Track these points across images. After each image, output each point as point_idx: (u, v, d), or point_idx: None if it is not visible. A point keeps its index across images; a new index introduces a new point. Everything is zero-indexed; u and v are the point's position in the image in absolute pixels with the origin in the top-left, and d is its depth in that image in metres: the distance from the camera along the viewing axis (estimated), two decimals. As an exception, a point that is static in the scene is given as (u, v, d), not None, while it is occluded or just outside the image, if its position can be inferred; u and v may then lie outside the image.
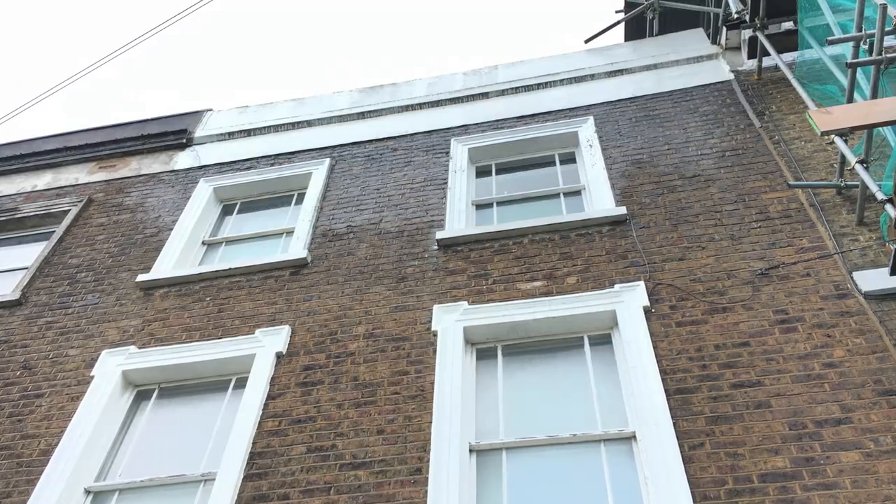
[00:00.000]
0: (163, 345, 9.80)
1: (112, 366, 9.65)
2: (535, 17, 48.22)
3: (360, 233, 10.77)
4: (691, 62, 12.65)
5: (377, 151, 12.57)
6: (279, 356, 9.16)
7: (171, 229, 11.90)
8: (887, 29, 8.46)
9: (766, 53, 11.57)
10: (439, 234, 10.16)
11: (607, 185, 10.41)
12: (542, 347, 8.75)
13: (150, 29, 14.35)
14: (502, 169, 11.97)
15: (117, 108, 50.55)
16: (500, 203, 11.23)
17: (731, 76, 11.99)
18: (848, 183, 9.12)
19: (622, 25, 15.43)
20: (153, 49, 49.51)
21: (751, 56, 12.05)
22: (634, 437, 7.36)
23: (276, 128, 13.91)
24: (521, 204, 11.13)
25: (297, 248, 10.76)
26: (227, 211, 12.73)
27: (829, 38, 9.02)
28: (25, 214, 13.25)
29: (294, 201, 12.36)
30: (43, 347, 10.27)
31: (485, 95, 13.29)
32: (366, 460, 7.70)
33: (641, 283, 8.74)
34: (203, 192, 12.66)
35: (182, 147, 14.13)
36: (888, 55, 8.44)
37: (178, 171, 13.54)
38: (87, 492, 8.52)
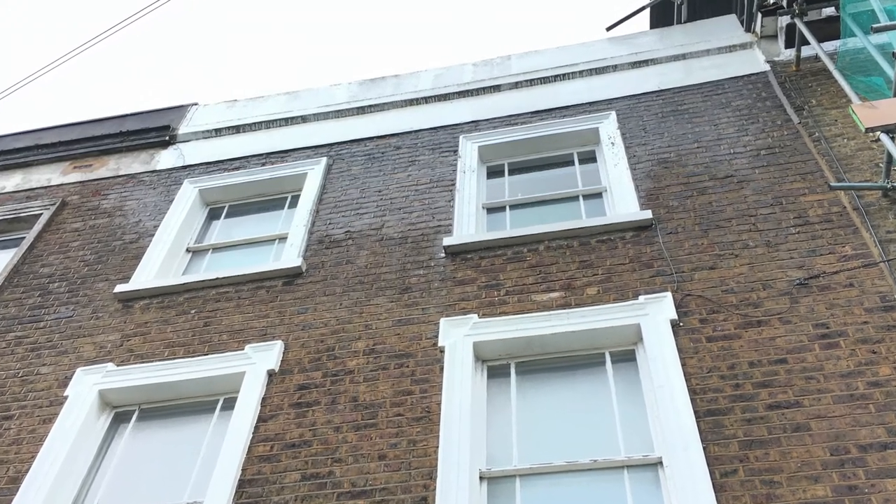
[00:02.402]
0: (143, 362, 9.84)
1: (88, 385, 9.68)
2: (551, 3, 48.27)
3: (360, 239, 10.81)
4: (723, 52, 12.67)
5: (378, 150, 12.60)
6: (271, 374, 9.19)
7: (153, 235, 11.94)
8: (938, 15, 8.47)
9: (806, 42, 11.57)
10: (447, 241, 10.20)
11: (631, 186, 10.44)
12: (559, 365, 8.78)
13: (129, 16, 14.40)
14: (516, 169, 12.01)
15: (94, 103, 50.66)
16: (513, 206, 11.26)
17: (767, 67, 12.01)
18: (895, 184, 9.13)
19: (647, 11, 15.45)
20: (132, 38, 49.61)
21: (788, 45, 12.07)
22: (661, 463, 7.38)
23: (268, 124, 13.96)
24: (537, 207, 11.16)
25: (290, 256, 10.79)
26: (213, 215, 12.78)
27: (875, 26, 9.05)
28: (-7, 219, 13.30)
29: (287, 204, 12.41)
30: (12, 365, 10.31)
31: (496, 88, 13.32)
32: (366, 488, 7.73)
33: (668, 295, 8.76)
34: (187, 194, 12.71)
35: (165, 145, 14.18)
36: (939, 44, 8.46)
37: (160, 171, 13.59)
38: (61, 523, 8.57)
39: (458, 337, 8.93)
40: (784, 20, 12.12)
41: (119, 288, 10.90)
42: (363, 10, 47.83)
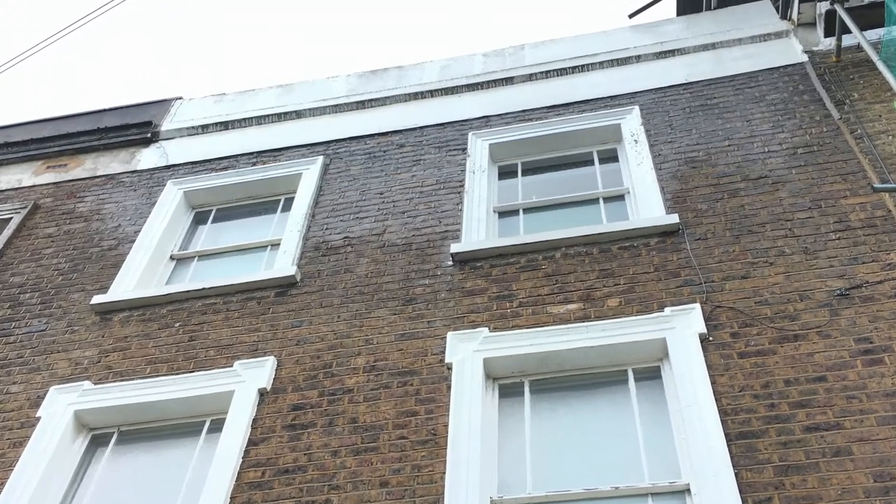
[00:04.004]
0: (123, 380, 9.86)
1: (62, 405, 9.70)
2: (568, -12, 48.26)
3: (360, 246, 10.83)
4: (757, 41, 12.69)
5: (380, 148, 12.63)
6: (262, 393, 9.22)
7: (133, 241, 11.97)
8: None
9: (847, 30, 11.56)
10: (454, 248, 10.23)
11: (656, 188, 10.46)
12: (577, 383, 8.80)
13: (106, 2, 14.42)
14: (530, 169, 12.04)
15: (69, 97, 50.76)
16: (527, 210, 11.29)
17: (805, 58, 12.01)
18: (945, 186, 9.13)
19: (674, -4, 15.49)
20: (109, 26, 49.67)
21: (828, 34, 12.06)
22: (688, 490, 7.39)
23: (259, 120, 13.99)
24: (553, 211, 11.18)
25: (283, 264, 10.83)
26: (199, 219, 12.83)
27: (923, 13, 9.05)
28: (-42, 224, 13.32)
29: (280, 207, 12.45)
30: (-21, 383, 10.33)
31: (509, 81, 13.35)
32: (366, 518, 7.76)
33: (697, 306, 8.78)
34: (171, 196, 12.75)
35: (146, 143, 14.21)
36: None
37: (141, 171, 13.63)
38: (34, 555, 8.58)
39: (467, 353, 8.95)
40: (823, 6, 12.12)
41: (96, 299, 10.93)
42: (364, 6, 47.82)
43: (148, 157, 13.90)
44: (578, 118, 12.13)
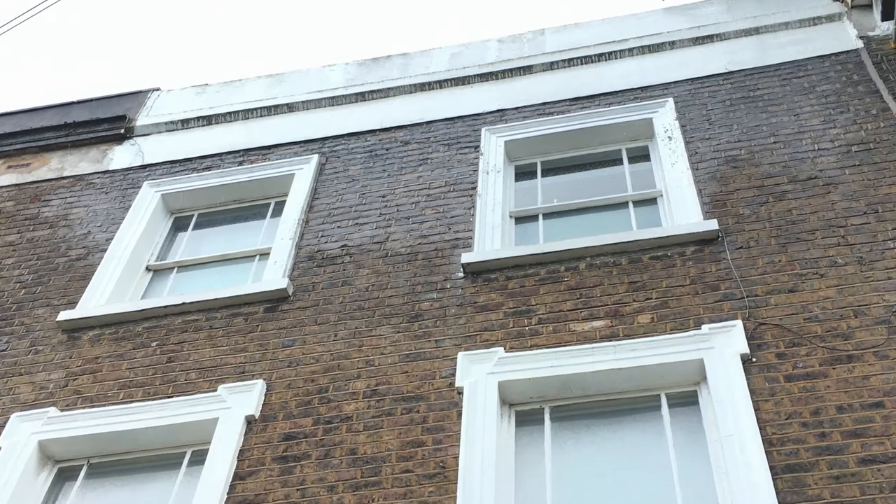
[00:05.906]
0: (93, 406, 9.87)
1: (25, 434, 9.70)
2: (594, -36, 48.21)
3: (360, 255, 10.84)
4: (805, 25, 12.69)
5: (382, 145, 12.64)
6: (250, 421, 9.23)
7: (105, 250, 11.98)
8: None
9: (907, 13, 11.59)
10: (466, 257, 10.24)
11: (692, 190, 10.47)
12: (603, 410, 8.81)
13: (77, -19, 14.48)
14: (550, 169, 12.06)
15: (32, 89, 50.80)
16: (547, 215, 11.31)
17: (860, 44, 12.01)
18: None
19: (712, -25, 15.49)
20: (80, 9, 49.71)
21: (886, 17, 12.04)
22: (729, 530, 7.40)
23: (246, 113, 14.00)
24: (576, 216, 11.19)
25: (274, 276, 10.84)
26: (179, 226, 12.86)
27: None
28: None
29: (270, 213, 12.47)
30: (-67, 409, 10.35)
31: (527, 70, 13.35)
32: (367, 561, 7.78)
33: (739, 323, 8.77)
34: (147, 199, 12.76)
35: (119, 139, 14.22)
36: None
37: (113, 171, 13.65)
38: None
39: (480, 375, 8.95)
40: (881, -14, 12.14)
41: (63, 315, 10.94)
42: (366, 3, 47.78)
43: (121, 156, 13.91)
44: (605, 112, 12.14)
